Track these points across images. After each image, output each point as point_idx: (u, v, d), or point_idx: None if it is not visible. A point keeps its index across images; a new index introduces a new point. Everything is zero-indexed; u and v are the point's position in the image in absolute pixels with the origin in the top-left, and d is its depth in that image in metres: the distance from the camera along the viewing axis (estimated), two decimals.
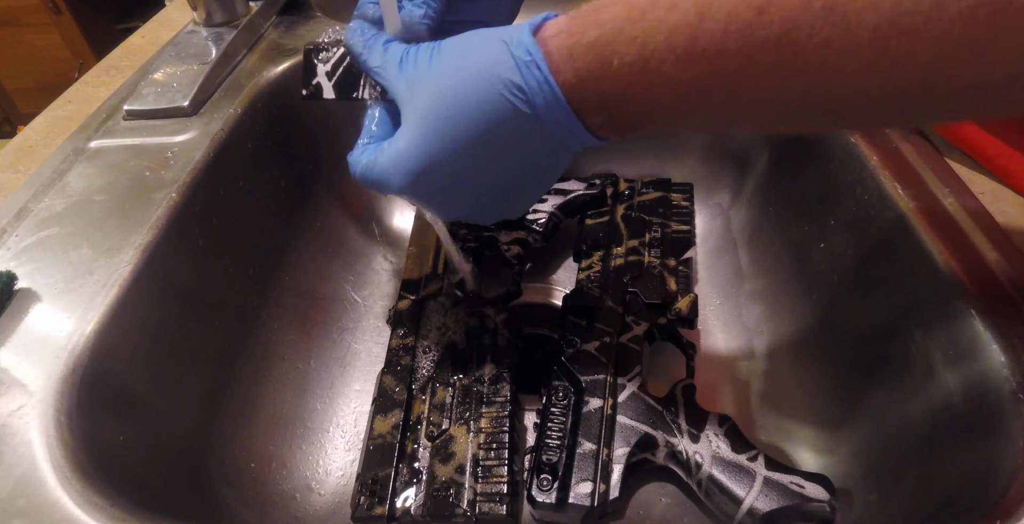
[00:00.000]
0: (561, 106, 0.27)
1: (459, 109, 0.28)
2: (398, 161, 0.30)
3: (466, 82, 0.28)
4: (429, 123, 0.29)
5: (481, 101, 0.28)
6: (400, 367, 0.44)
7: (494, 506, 0.37)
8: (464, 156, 0.29)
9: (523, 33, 0.27)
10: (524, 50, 0.27)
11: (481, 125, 0.28)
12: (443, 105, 0.28)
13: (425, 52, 0.30)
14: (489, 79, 0.27)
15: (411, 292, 0.50)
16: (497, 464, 0.39)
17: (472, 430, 0.40)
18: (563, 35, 0.27)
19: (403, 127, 0.30)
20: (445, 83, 0.28)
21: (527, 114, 0.27)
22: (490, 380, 0.43)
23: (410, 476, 0.39)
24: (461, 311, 0.48)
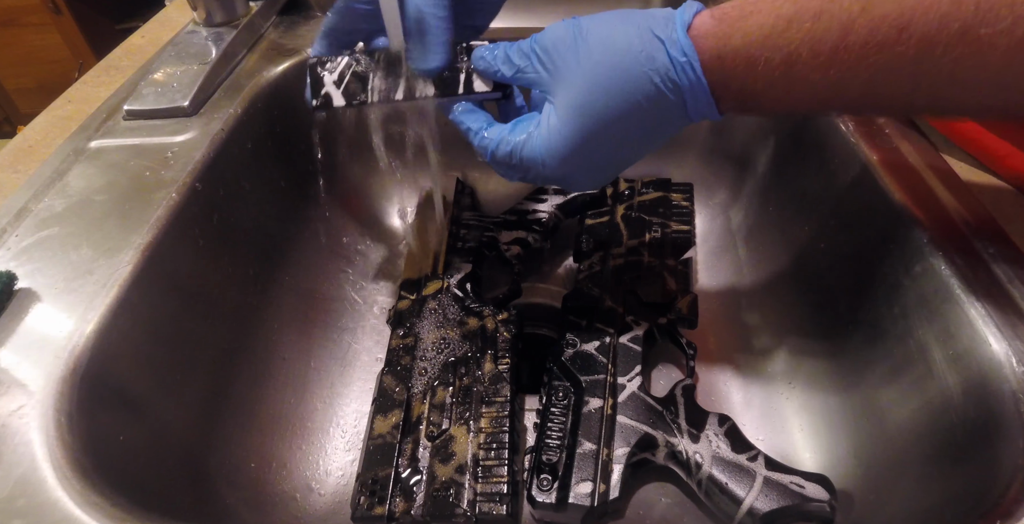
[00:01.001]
0: (707, 99, 0.30)
1: (615, 99, 0.30)
2: (551, 146, 0.32)
3: (623, 74, 0.30)
4: (586, 114, 0.31)
5: (637, 95, 0.30)
6: (400, 367, 0.44)
7: (494, 506, 0.37)
8: (613, 141, 0.32)
9: (678, 32, 0.29)
10: (680, 50, 0.29)
11: (634, 112, 0.31)
12: (600, 99, 0.30)
13: (564, 38, 0.32)
14: (646, 75, 0.30)
15: (411, 292, 0.50)
16: (497, 464, 0.38)
17: (472, 430, 0.40)
18: (712, 38, 0.29)
19: (555, 114, 0.32)
20: (601, 75, 0.30)
21: (676, 103, 0.30)
22: (490, 380, 0.43)
23: (410, 476, 0.39)
24: (461, 311, 0.48)
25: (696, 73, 0.29)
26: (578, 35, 0.31)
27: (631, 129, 0.32)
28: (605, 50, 0.30)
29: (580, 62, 0.31)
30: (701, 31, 0.29)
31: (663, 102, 0.30)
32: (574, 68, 0.31)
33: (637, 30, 0.30)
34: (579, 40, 0.31)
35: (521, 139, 0.34)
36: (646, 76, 0.29)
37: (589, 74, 0.31)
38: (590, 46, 0.31)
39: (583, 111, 0.31)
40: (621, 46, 0.30)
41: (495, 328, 0.46)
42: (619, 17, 0.31)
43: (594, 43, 0.31)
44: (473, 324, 0.47)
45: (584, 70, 0.31)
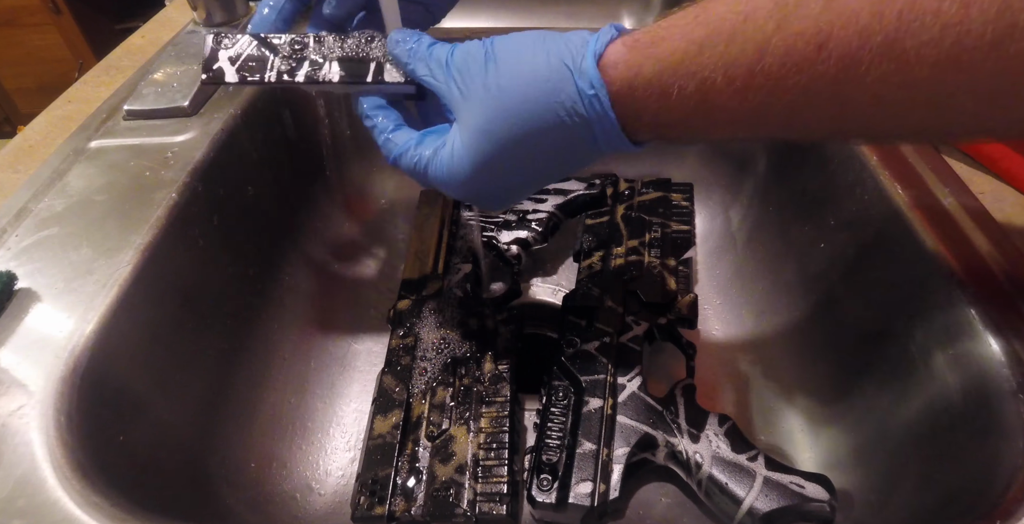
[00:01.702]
0: (616, 132, 0.29)
1: (519, 128, 0.29)
2: (454, 167, 0.31)
3: (527, 104, 0.29)
4: (490, 141, 0.30)
5: (541, 122, 0.29)
6: (400, 367, 0.44)
7: (494, 506, 0.37)
8: (517, 166, 0.31)
9: (587, 62, 0.28)
10: (588, 82, 0.28)
11: (538, 142, 0.30)
12: (503, 127, 0.29)
13: (477, 57, 0.30)
14: (551, 104, 0.28)
15: (411, 292, 0.50)
16: (497, 464, 0.38)
17: (472, 430, 0.40)
18: (622, 66, 0.27)
19: (459, 136, 0.31)
20: (506, 102, 0.29)
21: (583, 136, 0.29)
22: (490, 380, 0.43)
23: (410, 476, 0.39)
24: (461, 311, 0.48)
25: (603, 106, 0.28)
26: (489, 57, 0.30)
27: (536, 159, 0.31)
28: (513, 76, 0.29)
29: (487, 86, 0.30)
30: (612, 59, 0.28)
31: (570, 134, 0.29)
32: (481, 92, 0.30)
33: (547, 58, 0.29)
34: (489, 63, 0.30)
35: (427, 154, 0.33)
36: (552, 108, 0.28)
37: (495, 101, 0.29)
38: (499, 71, 0.30)
39: (487, 138, 0.30)
40: (529, 74, 0.29)
41: (495, 328, 0.46)
42: (534, 41, 0.30)
43: (503, 68, 0.30)
44: (473, 324, 0.47)
45: (491, 95, 0.30)
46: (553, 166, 0.32)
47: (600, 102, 0.28)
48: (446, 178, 0.32)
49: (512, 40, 0.31)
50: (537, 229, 0.55)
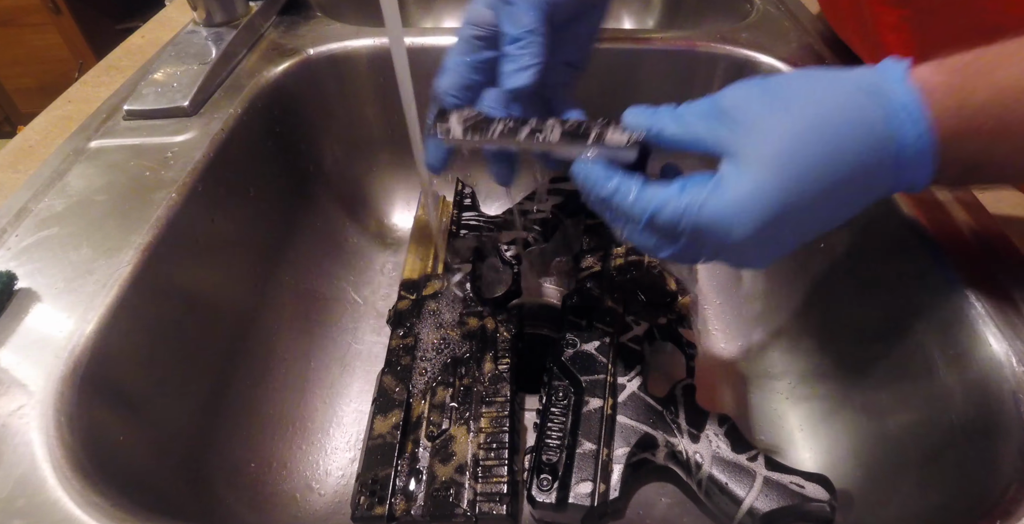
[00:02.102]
0: (926, 166, 0.26)
1: (824, 160, 0.26)
2: (742, 204, 0.27)
3: (828, 127, 0.26)
4: (788, 171, 0.26)
5: (848, 152, 0.26)
6: (400, 367, 0.44)
7: (494, 506, 0.37)
8: (814, 203, 0.27)
9: (899, 85, 0.26)
10: (906, 110, 0.25)
11: (842, 175, 0.26)
12: (805, 156, 0.26)
13: (751, 94, 0.28)
14: (862, 134, 0.26)
15: (411, 292, 0.50)
16: (497, 464, 0.38)
17: (472, 430, 0.40)
18: (942, 90, 0.25)
19: (746, 171, 0.27)
20: (806, 132, 0.26)
21: (890, 168, 0.27)
22: (490, 380, 0.43)
23: (410, 476, 0.39)
24: (461, 311, 0.48)
25: (919, 128, 0.25)
26: (767, 90, 0.28)
27: (840, 191, 0.27)
28: (806, 102, 0.27)
29: (775, 114, 0.27)
30: (927, 83, 0.25)
31: (877, 165, 0.26)
32: (768, 119, 0.27)
33: (841, 83, 0.27)
34: (768, 94, 0.28)
35: (696, 199, 0.28)
36: (861, 136, 0.26)
37: (789, 129, 0.26)
38: (786, 99, 0.27)
39: (784, 162, 0.26)
40: (824, 98, 0.26)
41: (495, 328, 0.46)
42: (814, 73, 0.28)
43: (791, 96, 0.27)
44: (473, 324, 0.47)
45: (781, 121, 0.27)
46: (848, 202, 0.28)
47: (915, 124, 0.25)
48: (731, 217, 0.27)
49: (786, 76, 0.28)
50: (537, 229, 0.54)
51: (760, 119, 0.27)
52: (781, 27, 0.60)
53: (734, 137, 0.27)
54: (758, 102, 0.27)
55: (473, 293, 0.49)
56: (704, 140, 0.29)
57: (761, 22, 0.61)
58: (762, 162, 0.27)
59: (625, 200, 0.30)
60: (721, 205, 0.27)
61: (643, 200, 0.29)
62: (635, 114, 0.31)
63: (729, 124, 0.28)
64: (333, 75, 0.58)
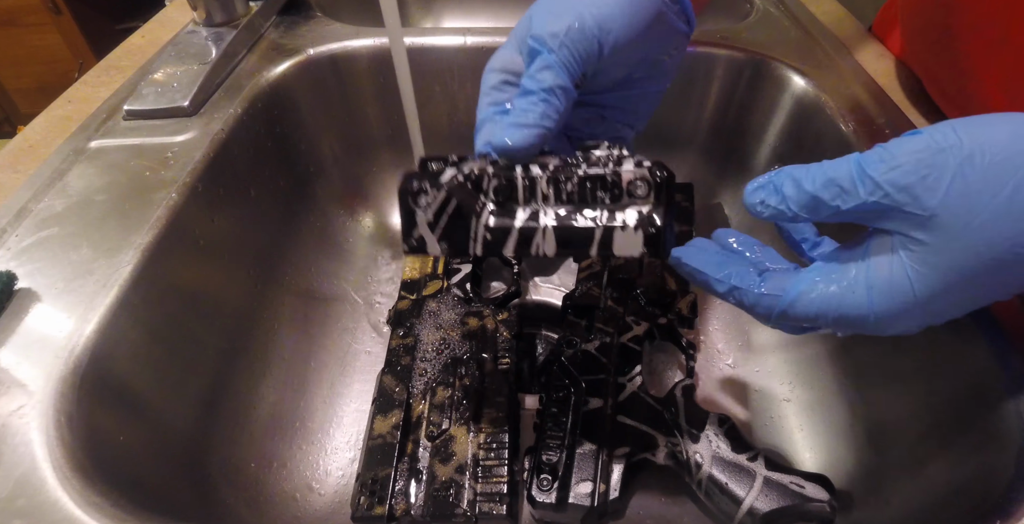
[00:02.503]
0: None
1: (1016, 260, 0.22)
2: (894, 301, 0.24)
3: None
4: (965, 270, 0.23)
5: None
6: (400, 367, 0.44)
7: (494, 506, 0.37)
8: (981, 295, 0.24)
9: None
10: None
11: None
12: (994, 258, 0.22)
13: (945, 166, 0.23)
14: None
15: (411, 292, 0.50)
16: (497, 464, 0.38)
17: (472, 430, 0.40)
18: None
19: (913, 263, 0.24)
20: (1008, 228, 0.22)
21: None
22: (490, 380, 0.43)
23: (410, 476, 0.39)
24: (461, 311, 0.48)
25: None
26: (967, 161, 0.22)
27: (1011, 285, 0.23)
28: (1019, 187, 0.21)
29: (973, 205, 0.22)
30: None
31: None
32: (964, 213, 0.22)
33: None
34: (969, 169, 0.22)
35: (835, 293, 0.25)
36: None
37: (992, 225, 0.22)
38: (990, 180, 0.22)
39: (963, 272, 0.23)
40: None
41: (495, 328, 0.46)
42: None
43: (998, 175, 0.22)
44: (473, 324, 0.47)
45: (983, 219, 0.22)
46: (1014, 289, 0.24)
47: None
48: (875, 310, 0.25)
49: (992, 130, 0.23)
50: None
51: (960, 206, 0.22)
52: (781, 27, 0.60)
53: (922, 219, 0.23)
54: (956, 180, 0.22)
55: (473, 293, 0.49)
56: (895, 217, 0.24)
57: (761, 22, 0.61)
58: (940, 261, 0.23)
59: (747, 298, 0.28)
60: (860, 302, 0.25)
61: (768, 297, 0.27)
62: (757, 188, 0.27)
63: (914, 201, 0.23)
64: (333, 75, 0.58)
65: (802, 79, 0.53)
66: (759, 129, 0.57)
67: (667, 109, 0.60)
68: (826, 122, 0.49)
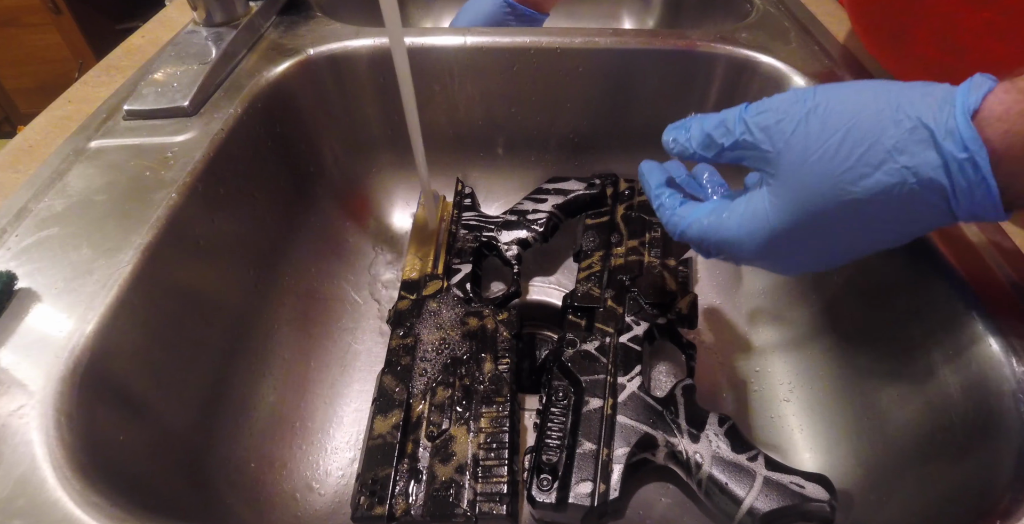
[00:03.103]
0: (990, 200, 0.23)
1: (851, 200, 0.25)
2: (756, 227, 0.28)
3: (867, 173, 0.24)
4: (807, 210, 0.26)
5: (883, 194, 0.24)
6: (400, 367, 0.44)
7: (494, 506, 0.37)
8: (832, 232, 0.27)
9: (958, 120, 0.23)
10: (959, 144, 0.23)
11: (872, 210, 0.25)
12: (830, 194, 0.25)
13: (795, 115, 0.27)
14: (901, 173, 0.24)
15: (411, 292, 0.50)
16: (497, 464, 0.38)
17: (472, 430, 0.40)
18: (1012, 120, 0.22)
19: (768, 195, 0.28)
20: (836, 171, 0.25)
21: (935, 203, 0.24)
22: (490, 380, 0.43)
23: (410, 476, 0.39)
24: (461, 311, 0.48)
25: (980, 172, 0.23)
26: (812, 111, 0.26)
27: (858, 230, 0.26)
28: (847, 135, 0.25)
29: (809, 146, 0.26)
30: (993, 113, 0.23)
31: (918, 203, 0.24)
32: (801, 152, 0.26)
33: (895, 114, 0.24)
34: (812, 117, 0.26)
35: (722, 217, 0.30)
36: (900, 174, 0.24)
37: (820, 164, 0.25)
38: (826, 127, 0.26)
39: (801, 204, 0.26)
40: (869, 131, 0.24)
41: (495, 328, 0.46)
42: (870, 92, 0.26)
43: (832, 124, 0.25)
44: (473, 324, 0.47)
45: (815, 158, 0.25)
46: (886, 236, 0.27)
47: (975, 167, 0.23)
48: (742, 239, 0.29)
49: (838, 91, 0.27)
50: (537, 229, 0.54)
51: (795, 149, 0.26)
52: (781, 27, 0.60)
53: (774, 162, 0.27)
54: (800, 126, 0.26)
55: (473, 293, 0.49)
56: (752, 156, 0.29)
57: (761, 22, 0.61)
58: (785, 198, 0.27)
59: (664, 215, 0.35)
60: (731, 225, 0.30)
61: (675, 218, 0.34)
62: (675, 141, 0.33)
63: (770, 143, 0.27)
64: (333, 75, 0.58)
65: (802, 79, 0.53)
66: None
67: (667, 109, 0.60)
68: None
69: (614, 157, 0.63)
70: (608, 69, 0.58)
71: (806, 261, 0.30)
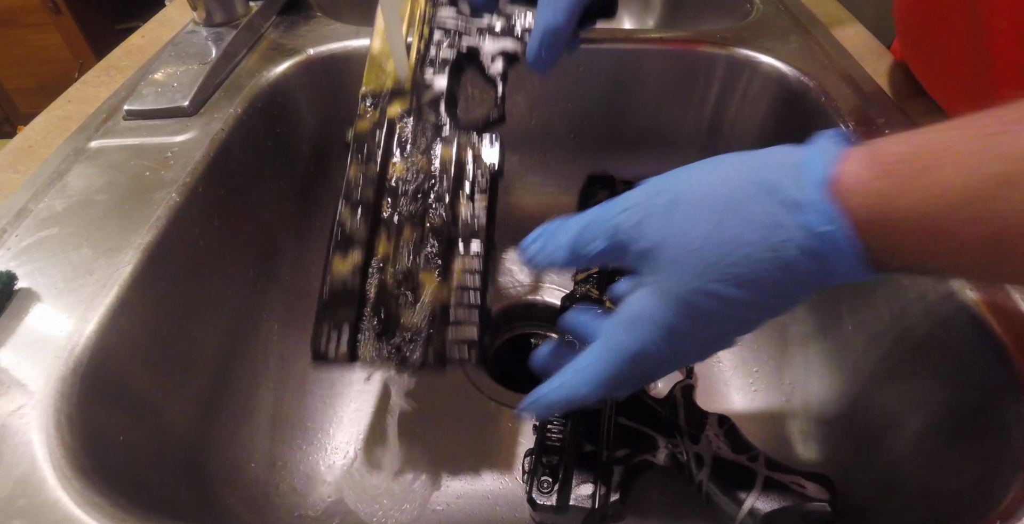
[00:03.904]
0: (859, 267, 0.24)
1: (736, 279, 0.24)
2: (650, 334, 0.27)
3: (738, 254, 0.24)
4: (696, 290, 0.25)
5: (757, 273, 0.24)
6: (361, 201, 0.38)
7: (461, 351, 0.34)
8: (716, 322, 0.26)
9: (813, 194, 0.23)
10: (822, 217, 0.22)
11: (751, 295, 0.25)
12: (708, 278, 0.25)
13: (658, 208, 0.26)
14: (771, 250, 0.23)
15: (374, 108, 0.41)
16: (467, 311, 0.35)
17: (440, 275, 0.37)
18: (868, 195, 0.22)
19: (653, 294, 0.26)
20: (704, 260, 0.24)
21: (811, 273, 0.24)
22: (464, 221, 0.38)
23: (373, 319, 0.36)
24: (433, 137, 0.40)
25: (843, 242, 0.22)
26: (675, 201, 0.26)
27: (756, 304, 0.25)
28: (721, 219, 0.24)
29: (687, 234, 0.25)
30: (849, 184, 0.22)
31: (799, 272, 0.24)
32: (679, 241, 0.25)
33: (754, 189, 0.24)
34: (677, 207, 0.25)
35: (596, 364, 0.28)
36: (776, 247, 0.23)
37: (704, 250, 0.24)
38: (697, 212, 0.25)
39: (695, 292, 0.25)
40: (739, 211, 0.24)
41: (472, 160, 0.40)
42: (726, 168, 0.25)
43: (701, 208, 0.25)
44: (446, 155, 0.39)
45: (696, 245, 0.25)
46: (772, 306, 0.26)
47: (838, 238, 0.22)
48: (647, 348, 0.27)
49: (696, 173, 0.26)
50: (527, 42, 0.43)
51: (664, 244, 0.25)
52: (781, 27, 0.60)
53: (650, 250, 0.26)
54: (664, 219, 0.26)
55: (449, 116, 0.41)
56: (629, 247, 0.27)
57: (761, 22, 0.61)
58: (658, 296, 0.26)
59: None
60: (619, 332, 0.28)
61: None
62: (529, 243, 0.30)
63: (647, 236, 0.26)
64: (333, 75, 0.58)
65: (802, 79, 0.53)
66: (759, 129, 0.57)
67: (667, 109, 0.60)
68: (826, 122, 0.49)
69: (613, 158, 0.63)
70: (608, 69, 0.58)
71: (703, 349, 0.28)
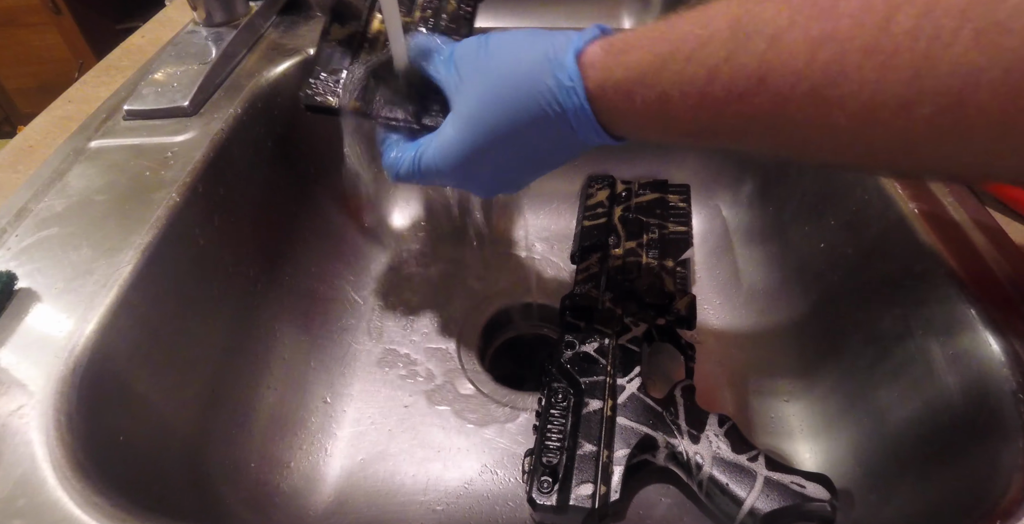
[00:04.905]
0: (591, 123, 0.30)
1: (504, 114, 0.32)
2: (447, 153, 0.34)
3: (512, 90, 0.31)
4: (475, 127, 0.33)
5: (524, 109, 0.31)
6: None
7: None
8: (502, 148, 0.33)
9: (568, 58, 0.30)
10: (567, 75, 0.29)
11: (522, 127, 0.32)
12: (488, 113, 0.32)
13: (472, 48, 0.34)
14: (533, 92, 0.30)
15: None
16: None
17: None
18: (597, 67, 0.29)
19: (452, 123, 0.34)
20: (491, 93, 0.32)
21: (563, 124, 0.31)
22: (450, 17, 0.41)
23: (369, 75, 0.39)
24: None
25: (580, 99, 0.29)
26: (482, 49, 0.33)
27: (523, 145, 0.33)
28: (500, 66, 0.32)
29: (477, 75, 0.33)
30: (589, 59, 0.29)
31: (552, 123, 0.31)
32: (471, 80, 0.33)
33: (532, 50, 0.31)
34: (481, 53, 0.33)
35: (420, 150, 0.36)
36: (534, 96, 0.30)
37: (482, 88, 0.32)
38: (489, 62, 0.32)
39: (473, 123, 0.32)
40: (515, 65, 0.31)
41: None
42: (526, 37, 0.32)
43: (494, 59, 0.32)
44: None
45: (479, 84, 0.32)
46: (541, 154, 0.34)
47: (577, 95, 0.29)
48: (439, 164, 0.35)
49: (506, 35, 0.33)
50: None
51: (468, 79, 0.33)
52: None
53: (455, 90, 0.34)
54: (473, 61, 0.33)
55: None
56: (444, 86, 0.35)
57: None
58: (461, 118, 0.33)
59: (384, 163, 0.39)
60: (430, 155, 0.35)
61: (390, 162, 0.38)
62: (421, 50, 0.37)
63: (456, 76, 0.34)
64: None
65: None
66: None
67: None
68: None
69: (612, 157, 0.63)
70: None
71: (491, 181, 0.36)
